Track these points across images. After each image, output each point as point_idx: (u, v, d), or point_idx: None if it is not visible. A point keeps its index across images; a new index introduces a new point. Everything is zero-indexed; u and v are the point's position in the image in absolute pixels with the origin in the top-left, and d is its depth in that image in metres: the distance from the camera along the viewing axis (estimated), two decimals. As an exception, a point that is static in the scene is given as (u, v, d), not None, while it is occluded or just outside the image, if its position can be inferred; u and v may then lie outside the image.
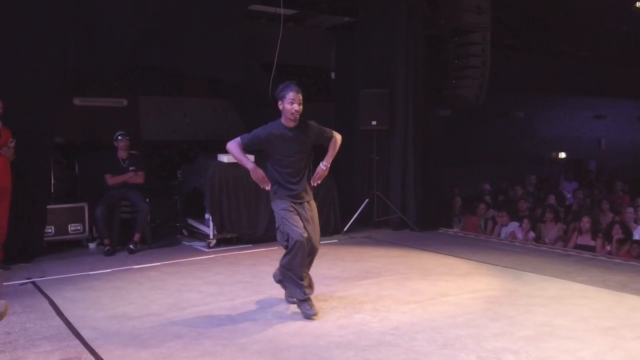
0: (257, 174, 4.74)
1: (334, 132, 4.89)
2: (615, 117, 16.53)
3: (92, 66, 7.40)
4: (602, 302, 4.95)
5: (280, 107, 4.64)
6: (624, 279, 5.75)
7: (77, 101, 8.38)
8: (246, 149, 4.76)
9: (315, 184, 4.84)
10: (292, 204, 4.69)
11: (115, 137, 7.39)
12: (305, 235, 4.55)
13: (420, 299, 5.07)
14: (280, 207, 4.69)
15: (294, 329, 4.34)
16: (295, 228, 4.54)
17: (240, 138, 4.75)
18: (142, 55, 7.72)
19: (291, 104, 4.57)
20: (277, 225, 4.71)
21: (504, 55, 11.38)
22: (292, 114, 4.58)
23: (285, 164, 4.69)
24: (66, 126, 8.04)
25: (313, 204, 4.86)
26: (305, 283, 4.65)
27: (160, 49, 7.74)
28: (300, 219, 4.66)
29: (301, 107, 4.61)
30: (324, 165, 4.80)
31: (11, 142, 6.17)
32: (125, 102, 8.79)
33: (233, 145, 4.74)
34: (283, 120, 4.67)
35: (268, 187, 4.76)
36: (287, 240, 4.57)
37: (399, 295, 5.20)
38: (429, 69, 8.85)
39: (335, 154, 4.87)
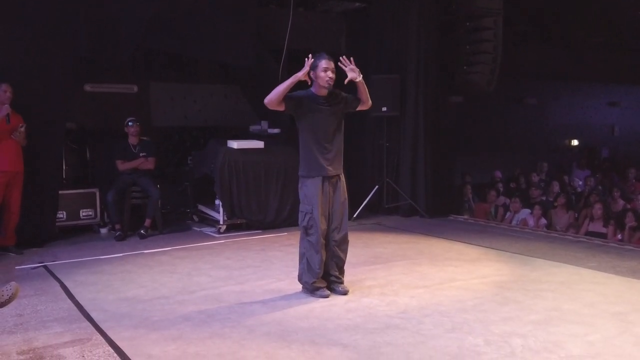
0: (304, 71, 4.56)
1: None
2: (629, 104, 16.33)
3: (103, 52, 7.42)
4: (612, 288, 4.93)
5: (313, 76, 4.65)
6: (634, 265, 5.72)
7: (88, 87, 8.41)
8: (285, 97, 4.60)
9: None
10: (322, 183, 4.68)
11: (125, 123, 7.43)
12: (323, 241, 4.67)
13: (429, 283, 5.07)
14: (309, 191, 4.69)
15: (302, 312, 4.36)
16: (317, 220, 4.62)
17: None
18: (153, 42, 7.73)
19: (325, 71, 4.60)
20: (301, 209, 4.74)
21: (516, 41, 11.26)
22: (326, 81, 4.61)
23: (319, 136, 4.68)
24: (77, 112, 8.09)
25: (343, 182, 4.87)
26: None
27: (171, 34, 7.73)
28: (325, 203, 4.69)
29: (334, 75, 4.63)
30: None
31: (21, 126, 6.21)
32: (135, 89, 8.82)
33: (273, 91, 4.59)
34: (315, 89, 4.71)
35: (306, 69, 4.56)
36: (308, 229, 4.66)
37: (407, 280, 5.20)
38: (440, 54, 8.79)
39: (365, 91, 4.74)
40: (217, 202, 7.63)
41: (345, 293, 4.75)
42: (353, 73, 4.61)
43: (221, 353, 3.61)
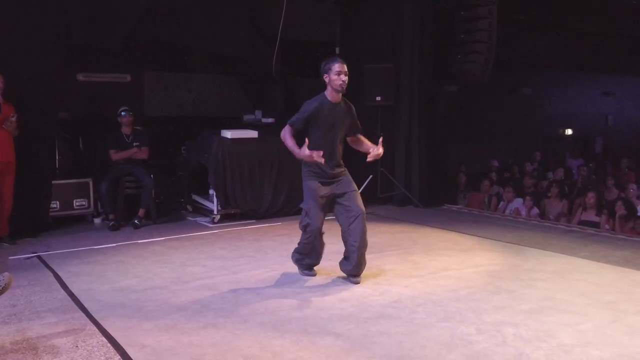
0: (305, 154, 4.55)
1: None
2: (623, 94, 16.38)
3: (96, 41, 7.36)
4: (604, 277, 4.95)
5: (326, 79, 4.64)
6: (627, 254, 5.75)
7: (80, 77, 8.37)
8: (296, 131, 4.73)
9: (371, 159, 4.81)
10: (322, 185, 4.72)
11: (118, 112, 7.40)
12: (321, 227, 4.71)
13: (422, 273, 5.09)
14: (309, 188, 4.73)
15: (295, 302, 4.38)
16: (314, 219, 4.65)
17: (290, 125, 4.73)
18: (146, 31, 7.68)
19: (338, 74, 4.58)
20: (302, 205, 4.82)
21: (511, 31, 11.24)
22: (339, 85, 4.59)
23: (325, 141, 4.67)
24: (70, 102, 8.04)
25: (347, 178, 4.85)
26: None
27: (165, 24, 7.69)
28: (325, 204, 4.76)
29: (347, 78, 4.62)
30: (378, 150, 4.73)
31: (13, 116, 6.17)
32: (129, 78, 8.77)
33: (285, 135, 4.70)
34: (328, 94, 4.68)
35: (321, 159, 4.55)
36: (305, 227, 4.72)
37: (400, 269, 5.22)
38: (435, 43, 8.76)
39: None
40: (211, 192, 7.62)
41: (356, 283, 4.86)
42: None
43: (215, 343, 3.62)
